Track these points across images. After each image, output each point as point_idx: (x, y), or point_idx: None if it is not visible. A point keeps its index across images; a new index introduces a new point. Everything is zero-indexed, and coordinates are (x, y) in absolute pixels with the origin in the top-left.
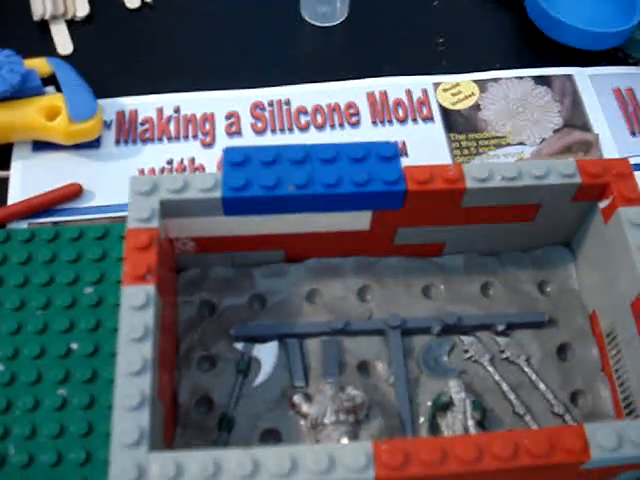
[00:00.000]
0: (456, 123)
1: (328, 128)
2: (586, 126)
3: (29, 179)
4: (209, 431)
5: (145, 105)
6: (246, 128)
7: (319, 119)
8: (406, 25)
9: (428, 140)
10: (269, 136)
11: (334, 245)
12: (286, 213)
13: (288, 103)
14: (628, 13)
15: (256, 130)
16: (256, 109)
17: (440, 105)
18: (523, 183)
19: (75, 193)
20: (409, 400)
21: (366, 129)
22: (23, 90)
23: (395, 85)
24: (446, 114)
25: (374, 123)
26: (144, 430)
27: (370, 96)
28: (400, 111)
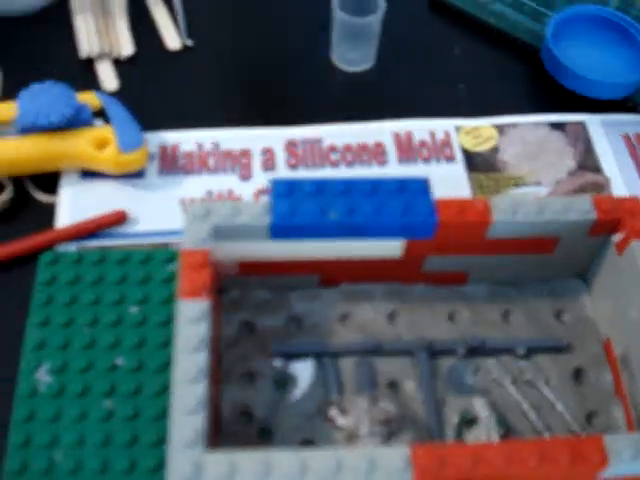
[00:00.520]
0: (477, 163)
1: (357, 165)
2: (598, 169)
3: (76, 205)
4: (249, 442)
5: (186, 139)
6: (280, 163)
7: (349, 157)
8: (429, 71)
9: (450, 178)
10: (302, 171)
11: (366, 271)
12: (327, 239)
13: (320, 141)
14: (638, 65)
15: (290, 165)
16: (290, 146)
17: (462, 146)
18: (544, 218)
19: (120, 219)
20: (437, 416)
21: (393, 167)
22: (75, 122)
23: (420, 127)
24: (467, 155)
25: (400, 162)
26: (200, 432)
27: (396, 136)
28: (425, 151)
